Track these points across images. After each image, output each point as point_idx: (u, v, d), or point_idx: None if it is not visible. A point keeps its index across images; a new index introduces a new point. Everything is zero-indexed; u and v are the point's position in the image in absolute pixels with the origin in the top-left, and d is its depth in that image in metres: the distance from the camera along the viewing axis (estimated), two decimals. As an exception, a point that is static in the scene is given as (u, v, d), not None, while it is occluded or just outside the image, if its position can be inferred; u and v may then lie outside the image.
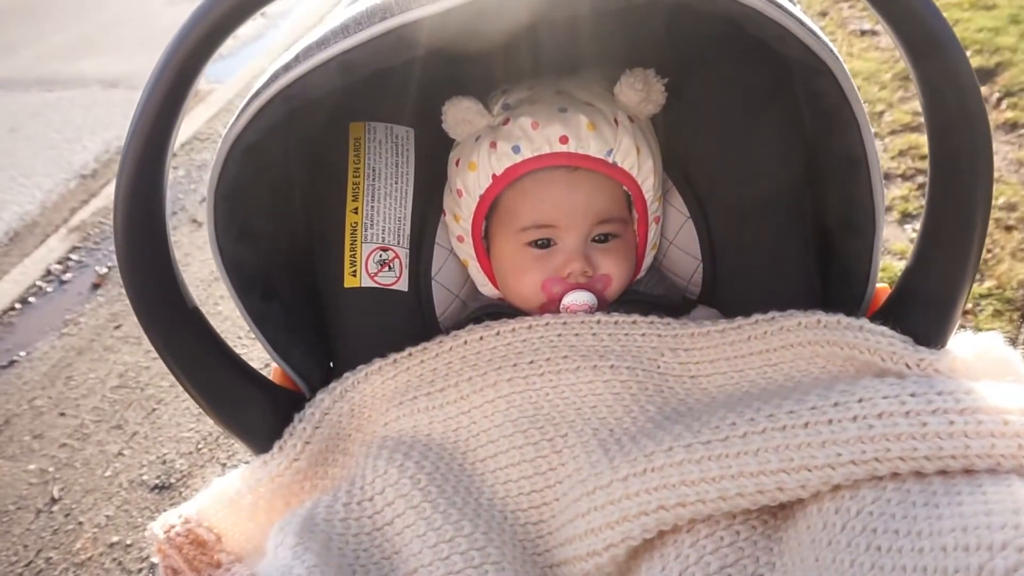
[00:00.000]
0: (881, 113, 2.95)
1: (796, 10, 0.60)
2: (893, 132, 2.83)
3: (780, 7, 0.59)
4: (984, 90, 2.93)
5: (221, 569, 0.72)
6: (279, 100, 0.62)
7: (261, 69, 0.64)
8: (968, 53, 0.58)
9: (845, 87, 0.61)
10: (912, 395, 0.57)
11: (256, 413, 0.76)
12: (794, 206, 0.80)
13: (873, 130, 0.64)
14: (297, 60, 0.61)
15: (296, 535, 0.64)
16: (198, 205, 3.24)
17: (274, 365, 0.80)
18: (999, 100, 2.92)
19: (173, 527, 0.71)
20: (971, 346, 0.64)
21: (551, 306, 0.81)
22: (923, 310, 0.65)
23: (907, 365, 0.62)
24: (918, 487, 0.55)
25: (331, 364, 0.86)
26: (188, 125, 3.84)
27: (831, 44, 0.60)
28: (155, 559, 0.71)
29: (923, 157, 2.66)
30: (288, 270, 0.82)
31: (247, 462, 0.77)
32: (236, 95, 4.16)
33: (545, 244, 0.81)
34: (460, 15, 0.58)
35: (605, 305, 0.81)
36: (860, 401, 0.58)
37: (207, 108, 4.01)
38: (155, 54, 0.60)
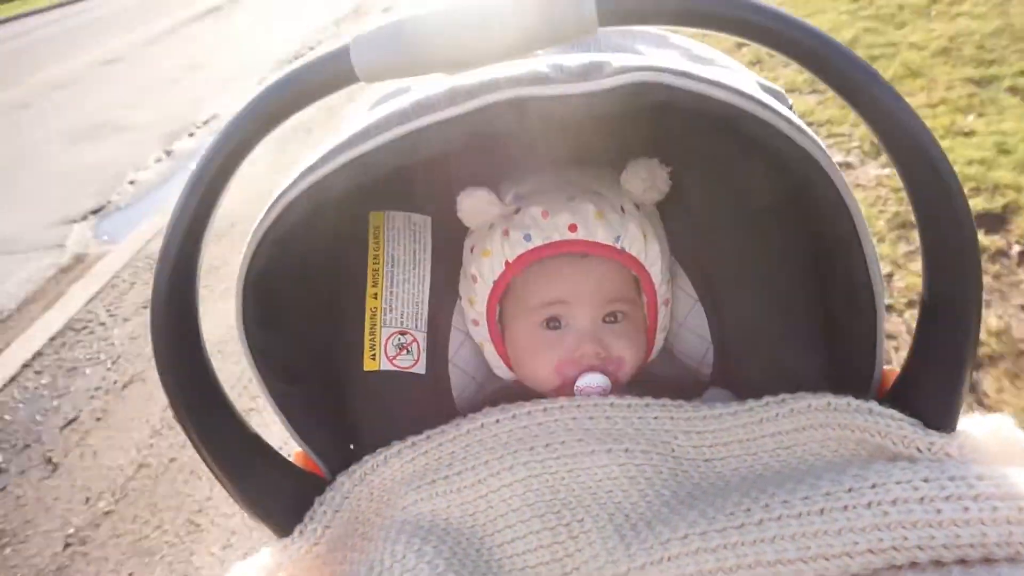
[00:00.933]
0: (889, 275, 2.54)
1: (783, 108, 0.64)
2: (911, 304, 2.37)
3: (767, 107, 0.62)
4: (998, 240, 2.57)
5: None
6: (304, 198, 0.66)
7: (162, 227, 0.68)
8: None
9: (835, 179, 0.64)
10: (925, 480, 0.58)
11: (279, 496, 0.77)
12: (801, 290, 0.82)
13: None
14: (323, 161, 0.66)
15: None
16: (58, 434, 2.47)
17: (296, 449, 0.81)
18: (1021, 255, 2.50)
19: None
20: (981, 428, 0.64)
21: (566, 389, 0.82)
22: (930, 393, 0.66)
23: (918, 449, 0.62)
24: None
25: (351, 447, 0.87)
26: (62, 309, 3.18)
27: (817, 138, 0.64)
28: None
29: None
30: (311, 355, 0.85)
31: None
32: (124, 266, 3.44)
33: (557, 325, 0.83)
34: (471, 120, 0.64)
35: (619, 388, 0.83)
36: (874, 487, 0.59)
37: (87, 285, 3.39)
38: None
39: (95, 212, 4.06)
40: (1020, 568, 0.53)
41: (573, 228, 0.80)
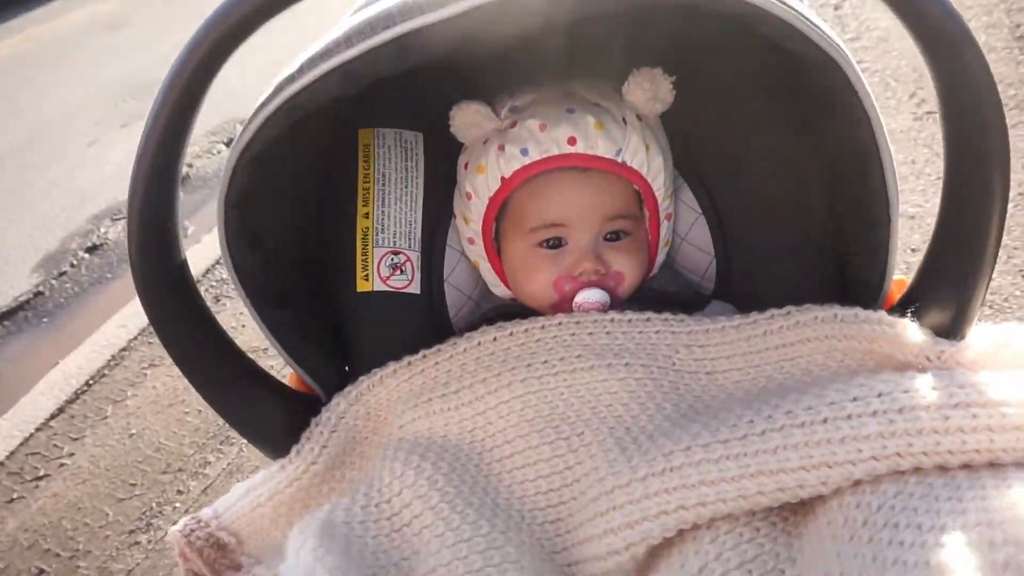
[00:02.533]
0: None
1: (803, 7, 0.60)
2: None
3: (787, 6, 0.58)
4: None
5: (241, 572, 0.73)
6: (284, 111, 0.62)
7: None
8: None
9: (855, 82, 0.61)
10: (933, 388, 0.57)
11: (274, 419, 0.76)
12: (808, 200, 0.79)
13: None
14: (301, 71, 0.61)
15: (317, 538, 0.64)
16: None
17: (290, 371, 0.80)
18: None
19: (194, 531, 0.72)
20: (992, 337, 0.63)
21: (563, 305, 0.81)
22: (942, 302, 0.64)
23: (927, 358, 0.61)
24: (941, 481, 0.54)
25: (346, 368, 0.86)
26: None
27: (839, 41, 0.60)
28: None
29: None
30: (301, 277, 0.83)
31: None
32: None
33: (556, 244, 0.81)
34: (462, 23, 0.58)
35: (618, 303, 0.81)
36: (880, 396, 0.58)
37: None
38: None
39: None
40: None
41: (572, 141, 0.77)
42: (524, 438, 0.71)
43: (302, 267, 0.83)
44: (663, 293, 0.87)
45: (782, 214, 0.81)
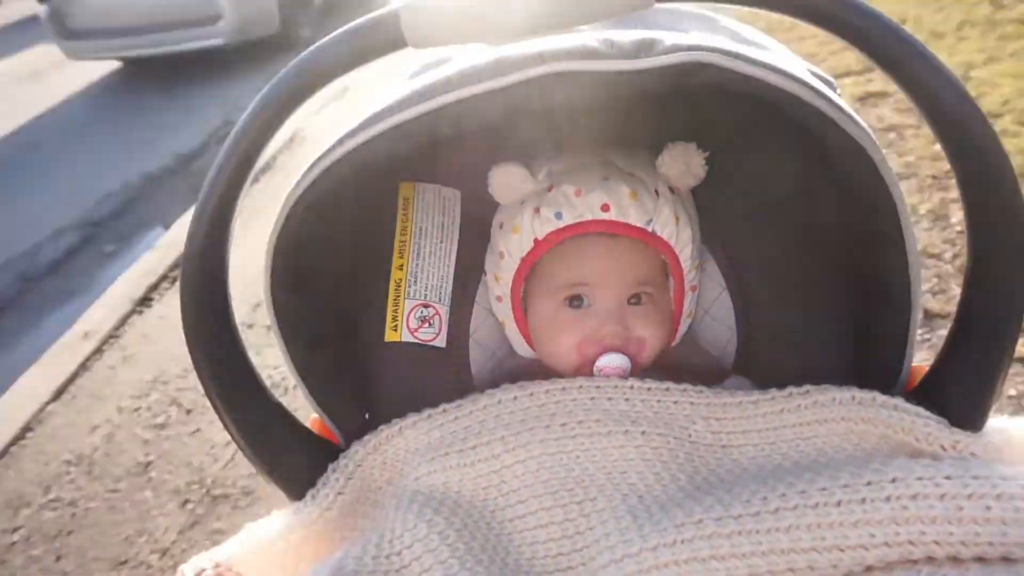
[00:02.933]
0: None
1: (835, 96, 0.63)
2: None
3: (820, 94, 0.61)
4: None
5: None
6: (342, 164, 0.66)
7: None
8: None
9: (882, 169, 0.63)
10: (947, 478, 0.57)
11: (294, 461, 0.78)
12: (830, 282, 0.81)
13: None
14: (363, 127, 0.65)
15: None
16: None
17: (312, 415, 0.82)
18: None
19: (204, 571, 0.72)
20: (1006, 431, 0.63)
21: (585, 368, 0.82)
22: (959, 392, 0.65)
23: (942, 447, 0.61)
24: (954, 572, 0.54)
25: (367, 415, 0.87)
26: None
27: (870, 130, 0.62)
28: None
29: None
30: (334, 322, 0.85)
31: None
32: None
33: (580, 304, 0.83)
34: (515, 94, 0.63)
35: (638, 371, 0.82)
36: (894, 481, 0.58)
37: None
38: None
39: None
40: None
41: (606, 208, 0.80)
42: (538, 499, 0.72)
43: (336, 315, 0.85)
44: (683, 364, 0.88)
45: (805, 294, 0.82)
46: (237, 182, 0.67)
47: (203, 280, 0.69)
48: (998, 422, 0.64)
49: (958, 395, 0.65)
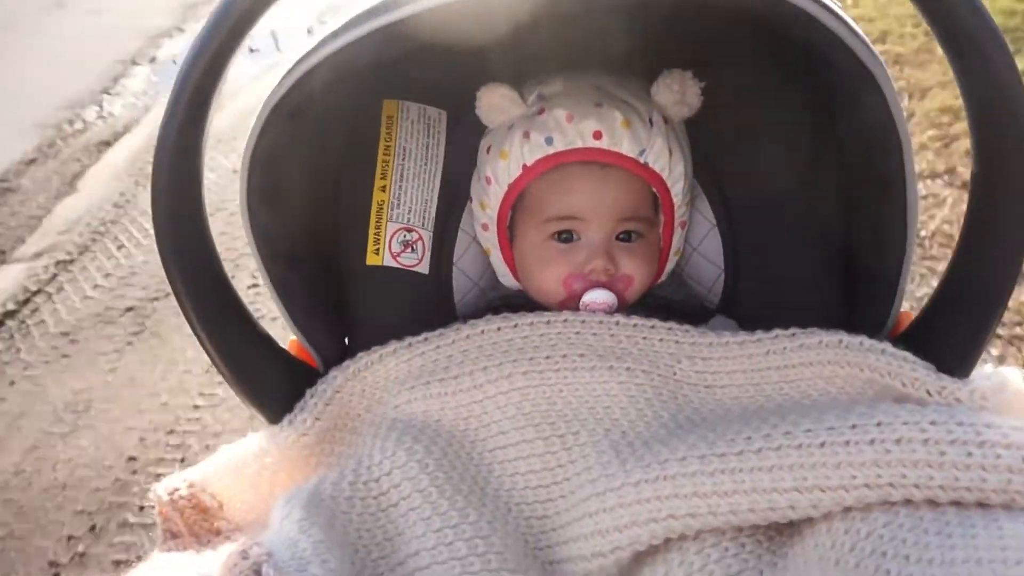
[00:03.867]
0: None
1: (848, 18, 0.60)
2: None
3: (833, 13, 0.58)
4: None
5: (220, 536, 0.72)
6: (325, 67, 0.62)
7: None
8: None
9: (892, 106, 0.61)
10: (932, 423, 0.57)
11: (271, 382, 0.76)
12: (823, 222, 0.80)
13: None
14: (346, 28, 0.61)
15: (303, 509, 0.64)
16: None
17: (291, 337, 0.80)
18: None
19: (177, 490, 0.71)
20: (993, 379, 0.63)
21: (570, 303, 0.80)
22: (949, 338, 0.65)
23: (928, 392, 0.61)
24: (931, 515, 0.55)
25: (346, 341, 0.85)
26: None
27: (882, 59, 0.60)
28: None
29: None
30: (313, 242, 0.82)
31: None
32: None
33: (569, 238, 0.81)
34: (503, 4, 0.60)
35: (624, 307, 0.81)
36: (879, 425, 0.58)
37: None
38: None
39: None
40: (1016, 515, 0.53)
41: (598, 136, 0.77)
42: (519, 431, 0.71)
43: (315, 232, 0.83)
44: (668, 301, 0.87)
45: (796, 234, 0.81)
46: (207, 87, 0.62)
47: (176, 193, 0.66)
48: (985, 369, 0.65)
49: (948, 341, 0.65)
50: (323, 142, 0.79)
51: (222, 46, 0.61)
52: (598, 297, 0.79)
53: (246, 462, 0.74)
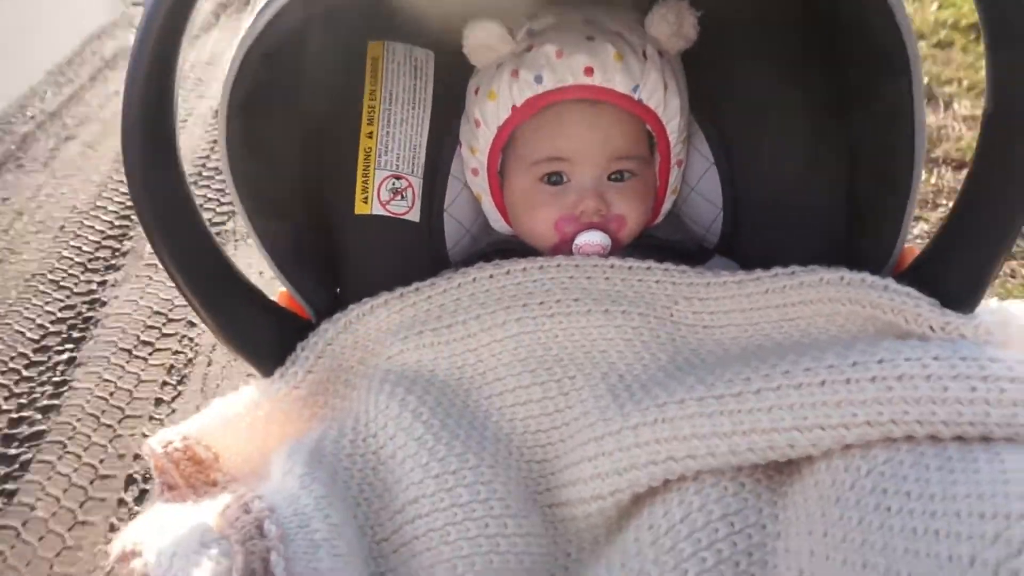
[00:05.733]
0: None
1: None
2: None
3: None
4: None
5: (216, 488, 0.72)
6: (300, 2, 0.59)
7: None
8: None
9: (903, 28, 0.58)
10: (935, 358, 0.56)
11: (261, 334, 0.75)
12: (827, 158, 0.77)
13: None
14: None
15: (304, 464, 0.64)
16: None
17: (280, 289, 0.79)
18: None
19: (171, 443, 0.71)
20: (998, 313, 0.62)
21: (563, 246, 0.79)
22: (954, 273, 0.64)
23: (931, 328, 0.60)
24: (933, 451, 0.54)
25: (337, 290, 0.84)
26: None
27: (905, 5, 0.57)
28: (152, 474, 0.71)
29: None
30: (299, 192, 0.80)
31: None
32: None
33: (559, 180, 0.78)
34: None
35: (619, 248, 0.80)
36: (880, 362, 0.57)
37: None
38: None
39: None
40: (1019, 448, 0.52)
41: (589, 72, 0.74)
42: (515, 377, 0.70)
43: (301, 182, 0.80)
44: (665, 242, 0.85)
45: (798, 171, 0.79)
46: (177, 18, 0.59)
47: (151, 143, 0.63)
48: (991, 304, 0.63)
49: (953, 275, 0.63)
50: (304, 86, 0.77)
51: None
52: (591, 239, 0.77)
53: (239, 415, 0.73)
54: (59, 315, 2.04)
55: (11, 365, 1.86)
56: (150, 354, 1.90)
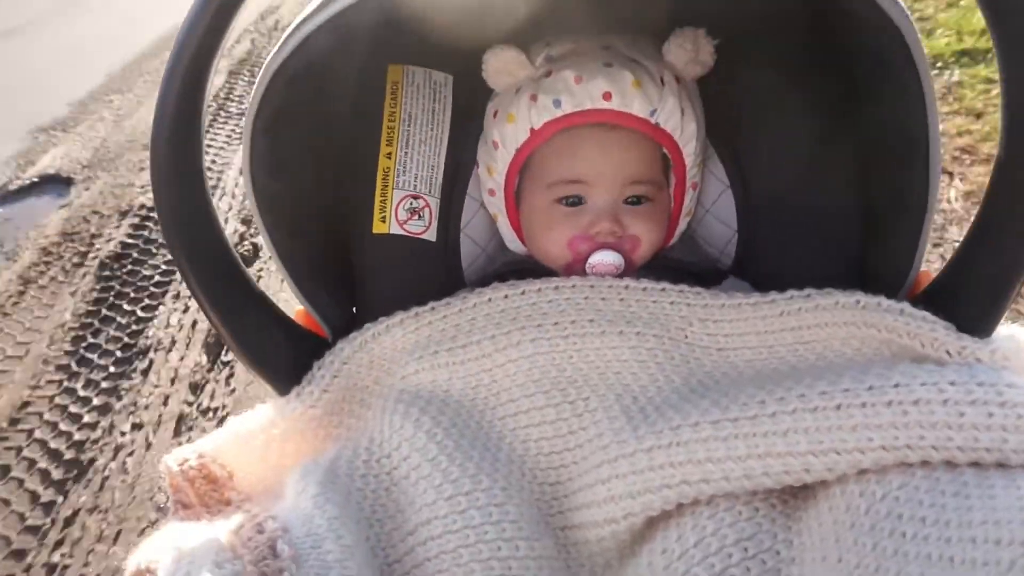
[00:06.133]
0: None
1: None
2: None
3: None
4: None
5: (231, 507, 0.72)
6: (327, 28, 0.60)
7: None
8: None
9: (915, 54, 0.58)
10: (951, 383, 0.55)
11: (278, 353, 0.76)
12: (842, 181, 0.77)
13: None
14: None
15: (318, 485, 0.64)
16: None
17: (298, 307, 0.79)
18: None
19: (187, 461, 0.71)
20: (1015, 339, 0.61)
21: (577, 265, 0.79)
22: (971, 297, 0.63)
23: (948, 352, 0.60)
24: (948, 476, 0.54)
25: (354, 311, 0.85)
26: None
27: (907, 10, 0.57)
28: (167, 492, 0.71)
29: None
30: (319, 211, 0.81)
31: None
32: None
33: (575, 202, 0.79)
34: None
35: (633, 269, 0.80)
36: (896, 386, 0.56)
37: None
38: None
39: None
40: None
41: (607, 96, 0.75)
42: (529, 398, 0.70)
43: (320, 201, 0.81)
44: (680, 263, 0.85)
45: (813, 193, 0.79)
46: (210, 45, 0.60)
47: (177, 161, 0.64)
48: (1007, 329, 0.63)
49: (969, 299, 0.63)
50: (327, 108, 0.78)
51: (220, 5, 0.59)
52: (605, 258, 0.77)
53: (254, 433, 0.73)
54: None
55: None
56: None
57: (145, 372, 2.14)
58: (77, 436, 1.96)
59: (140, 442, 1.92)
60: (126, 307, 2.40)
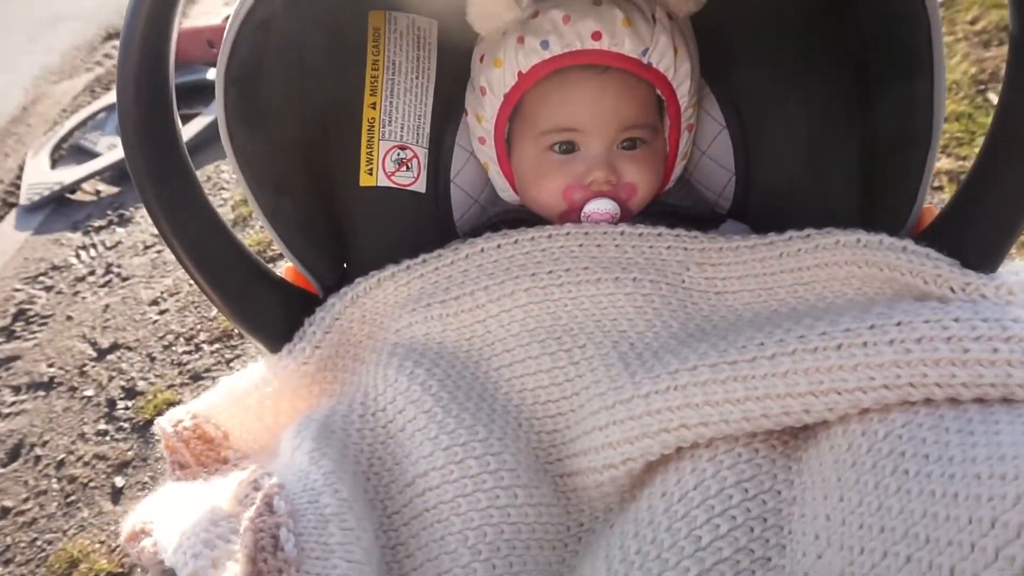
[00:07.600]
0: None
1: None
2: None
3: None
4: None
5: (228, 465, 0.72)
6: None
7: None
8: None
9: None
10: (955, 320, 0.54)
11: (268, 311, 0.74)
12: (844, 116, 0.75)
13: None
14: None
15: (313, 440, 0.63)
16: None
17: (287, 264, 0.78)
18: None
19: (181, 422, 0.71)
20: (1020, 274, 0.60)
21: (572, 214, 0.77)
22: (976, 232, 0.62)
23: (951, 289, 0.58)
24: (952, 413, 0.53)
25: (344, 266, 0.83)
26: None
27: None
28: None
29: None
30: (302, 164, 0.79)
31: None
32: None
33: (568, 149, 0.77)
34: None
35: (629, 216, 0.78)
36: (899, 324, 0.55)
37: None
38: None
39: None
40: None
41: (597, 36, 0.72)
42: (524, 347, 0.70)
43: (304, 154, 0.79)
44: (676, 208, 0.83)
45: (813, 129, 0.76)
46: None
47: (150, 117, 0.62)
48: (1013, 265, 0.61)
49: (974, 235, 0.61)
50: (304, 57, 0.75)
51: None
52: (600, 207, 0.75)
53: (248, 392, 0.73)
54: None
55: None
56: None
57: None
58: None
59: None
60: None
